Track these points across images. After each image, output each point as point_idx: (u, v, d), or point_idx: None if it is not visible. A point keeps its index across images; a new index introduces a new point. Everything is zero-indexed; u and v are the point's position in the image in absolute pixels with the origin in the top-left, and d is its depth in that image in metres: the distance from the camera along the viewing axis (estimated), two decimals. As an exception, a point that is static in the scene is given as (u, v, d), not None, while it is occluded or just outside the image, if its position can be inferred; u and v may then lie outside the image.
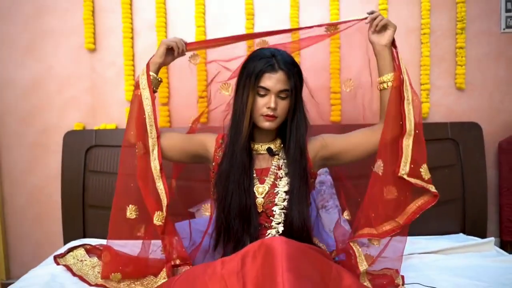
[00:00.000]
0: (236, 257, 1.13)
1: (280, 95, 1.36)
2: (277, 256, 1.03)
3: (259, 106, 1.36)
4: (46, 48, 2.22)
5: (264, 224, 1.42)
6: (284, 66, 1.35)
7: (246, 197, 1.37)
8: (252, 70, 1.35)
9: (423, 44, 2.17)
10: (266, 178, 1.43)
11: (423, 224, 2.07)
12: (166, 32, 2.18)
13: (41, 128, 2.26)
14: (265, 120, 1.37)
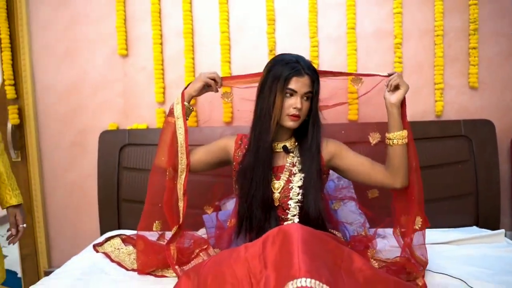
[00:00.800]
0: (257, 242, 1.27)
1: (303, 97, 1.49)
2: (293, 240, 1.17)
3: (286, 107, 1.49)
4: (82, 54, 2.39)
5: (281, 216, 1.55)
6: (308, 71, 1.49)
7: (267, 190, 1.52)
8: (279, 74, 1.47)
9: (437, 45, 2.25)
10: (281, 175, 1.56)
11: (437, 217, 2.19)
12: (193, 38, 2.32)
13: (79, 128, 2.43)
14: (290, 120, 1.50)
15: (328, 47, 2.30)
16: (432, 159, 2.22)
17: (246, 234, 1.55)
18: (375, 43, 2.29)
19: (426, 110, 2.31)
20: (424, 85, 2.30)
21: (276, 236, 1.23)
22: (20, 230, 1.65)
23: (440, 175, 2.22)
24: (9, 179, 1.64)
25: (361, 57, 2.29)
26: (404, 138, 1.58)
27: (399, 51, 2.27)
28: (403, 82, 1.59)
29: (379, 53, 2.29)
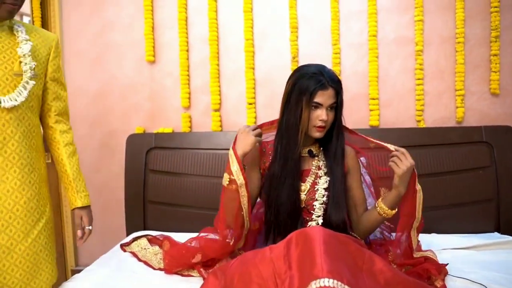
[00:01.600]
0: (281, 244, 1.32)
1: (328, 108, 1.54)
2: (315, 241, 1.22)
3: (313, 119, 1.54)
4: (111, 60, 2.48)
5: (306, 218, 1.61)
6: (332, 83, 1.52)
7: (296, 196, 1.57)
8: (305, 88, 1.51)
9: (458, 52, 2.27)
10: (307, 178, 1.62)
11: (458, 223, 2.20)
12: (218, 45, 2.39)
13: (107, 131, 2.52)
14: (316, 131, 1.55)
15: (350, 54, 2.34)
16: (453, 165, 2.22)
17: (274, 239, 1.59)
18: (396, 50, 2.32)
19: (447, 116, 2.33)
20: (445, 91, 2.32)
21: (299, 238, 1.28)
22: (86, 232, 1.66)
23: (461, 181, 2.22)
24: (76, 181, 1.65)
25: (382, 64, 2.32)
26: (388, 215, 1.58)
27: (420, 57, 2.29)
28: (397, 167, 1.52)
29: (400, 59, 2.32)
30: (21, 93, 1.41)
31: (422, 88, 2.30)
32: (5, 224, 1.41)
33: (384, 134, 2.25)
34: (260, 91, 2.39)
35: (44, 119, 1.61)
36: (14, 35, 1.45)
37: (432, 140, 2.23)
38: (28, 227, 1.45)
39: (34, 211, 1.48)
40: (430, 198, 2.19)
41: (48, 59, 1.54)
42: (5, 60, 1.41)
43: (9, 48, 1.43)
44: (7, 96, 1.38)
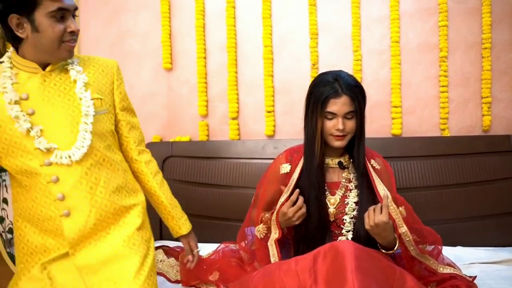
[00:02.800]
0: (308, 256, 1.27)
1: (346, 116, 1.48)
2: (346, 256, 1.16)
3: (328, 128, 1.49)
4: (128, 68, 2.46)
5: (335, 232, 1.55)
6: (347, 90, 1.45)
7: (324, 210, 1.52)
8: (318, 97, 1.48)
9: (484, 58, 2.20)
10: (336, 191, 1.56)
11: (484, 235, 2.13)
12: (236, 52, 2.36)
13: (124, 140, 2.49)
14: (335, 140, 1.50)
15: (371, 60, 2.29)
16: (479, 175, 2.16)
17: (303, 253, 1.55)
18: (419, 57, 2.26)
19: (472, 125, 2.26)
20: (470, 99, 2.26)
21: (328, 252, 1.23)
22: (195, 255, 1.65)
23: (488, 191, 2.15)
24: (174, 209, 1.60)
25: (405, 71, 2.27)
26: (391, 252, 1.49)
27: (445, 64, 2.23)
28: (368, 224, 1.40)
29: (423, 66, 2.26)
30: (85, 138, 1.30)
31: (447, 96, 2.24)
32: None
33: (407, 143, 2.21)
34: (279, 99, 2.36)
35: (125, 153, 1.52)
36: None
37: (457, 150, 2.17)
38: (138, 265, 1.34)
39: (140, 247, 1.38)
40: (455, 210, 2.16)
41: (113, 88, 1.47)
42: (70, 104, 1.32)
43: (71, 89, 1.34)
44: (73, 147, 1.28)
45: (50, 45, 1.25)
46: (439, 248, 1.54)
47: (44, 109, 1.29)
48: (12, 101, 1.25)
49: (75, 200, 1.28)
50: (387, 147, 2.16)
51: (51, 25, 1.23)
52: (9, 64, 1.30)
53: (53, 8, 1.22)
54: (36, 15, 1.22)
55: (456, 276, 1.50)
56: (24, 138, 1.25)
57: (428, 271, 1.50)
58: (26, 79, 1.29)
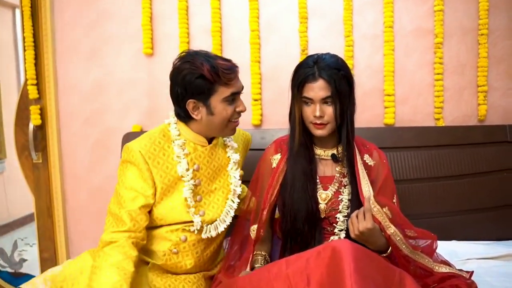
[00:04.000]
0: (300, 258, 1.15)
1: (325, 102, 1.37)
2: (344, 257, 1.04)
3: (307, 115, 1.40)
4: (107, 53, 2.32)
5: (327, 229, 1.44)
6: (323, 73, 1.34)
7: (312, 202, 1.40)
8: (296, 81, 1.40)
9: (481, 44, 2.12)
10: (330, 186, 1.45)
11: (480, 229, 2.07)
12: (221, 37, 2.23)
13: (102, 129, 2.35)
14: (315, 129, 1.40)
15: (364, 46, 2.18)
16: (475, 166, 2.09)
17: (291, 249, 1.44)
18: (414, 42, 2.17)
19: (468, 114, 2.19)
20: (466, 87, 2.18)
21: (323, 252, 1.11)
22: None
23: (484, 183, 2.09)
24: None
25: (399, 57, 2.17)
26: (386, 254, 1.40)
27: (440, 51, 2.14)
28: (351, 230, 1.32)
29: (418, 52, 2.17)
30: (228, 213, 1.50)
31: (442, 84, 2.16)
32: None
33: (400, 133, 2.13)
34: (267, 86, 2.24)
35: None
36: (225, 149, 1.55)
37: (452, 140, 2.10)
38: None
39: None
40: (450, 203, 2.09)
41: (244, 159, 1.69)
42: (225, 179, 1.53)
43: (227, 165, 1.53)
44: (218, 220, 1.48)
45: (220, 125, 1.41)
46: (434, 245, 1.44)
47: (206, 183, 1.48)
48: (185, 174, 1.41)
49: None
50: (380, 137, 2.06)
51: (225, 108, 1.38)
52: (178, 132, 1.44)
53: (227, 93, 1.37)
54: (212, 100, 1.37)
55: (454, 275, 1.40)
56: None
57: (424, 270, 1.40)
58: (193, 150, 1.45)
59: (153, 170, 1.39)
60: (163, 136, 1.45)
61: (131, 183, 1.37)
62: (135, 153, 1.38)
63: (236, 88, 1.40)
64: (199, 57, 1.37)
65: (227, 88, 1.37)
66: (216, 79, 1.34)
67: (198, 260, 1.48)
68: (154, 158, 1.40)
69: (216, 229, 1.46)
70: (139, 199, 1.36)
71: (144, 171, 1.38)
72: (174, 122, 1.47)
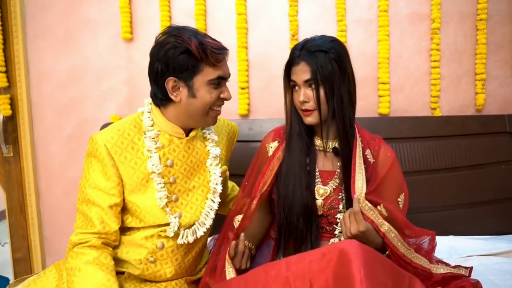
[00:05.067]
0: (302, 259, 1.04)
1: (308, 86, 1.26)
2: (353, 261, 0.93)
3: (295, 101, 1.32)
4: (82, 38, 2.17)
5: (326, 228, 1.33)
6: (307, 56, 1.24)
7: (307, 195, 1.29)
8: (285, 66, 1.32)
9: (479, 30, 2.04)
10: (329, 181, 1.33)
11: (478, 223, 2.00)
12: (206, 21, 2.10)
13: (78, 120, 2.21)
14: (304, 116, 1.30)
15: (357, 32, 2.08)
16: (472, 158, 2.02)
17: (284, 247, 1.33)
18: (410, 28, 2.07)
19: (465, 104, 2.11)
20: (463, 75, 2.09)
21: (329, 254, 0.99)
22: None
23: (481, 176, 2.01)
24: None
25: (394, 43, 2.07)
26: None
27: (437, 36, 2.05)
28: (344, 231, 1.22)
29: (414, 38, 2.08)
30: (208, 215, 1.35)
31: (439, 72, 2.07)
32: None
33: (395, 123, 2.04)
34: (255, 74, 2.12)
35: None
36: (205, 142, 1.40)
37: (449, 131, 2.02)
38: None
39: None
40: (447, 196, 2.01)
41: (230, 152, 1.55)
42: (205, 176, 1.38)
43: (206, 158, 1.38)
44: (196, 223, 1.34)
45: (201, 111, 1.26)
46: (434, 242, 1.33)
47: (183, 180, 1.33)
48: (156, 170, 1.26)
49: None
50: (374, 128, 1.92)
51: (209, 92, 1.24)
52: (151, 122, 1.30)
53: (214, 76, 1.23)
54: (195, 80, 1.22)
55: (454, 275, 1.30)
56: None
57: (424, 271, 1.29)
58: (168, 143, 1.30)
59: (120, 166, 1.25)
60: (134, 127, 1.31)
61: (95, 181, 1.25)
62: (99, 146, 1.25)
63: (224, 72, 1.27)
64: (186, 31, 1.22)
65: (214, 69, 1.23)
66: (203, 57, 1.20)
67: (179, 267, 1.35)
68: (121, 153, 1.26)
69: (195, 233, 1.32)
70: (104, 198, 1.24)
71: (109, 168, 1.25)
72: (148, 110, 1.32)
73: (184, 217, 1.31)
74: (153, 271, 1.31)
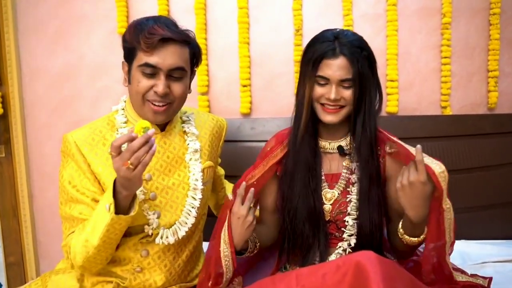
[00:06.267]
0: (314, 273, 0.97)
1: (342, 84, 1.19)
2: (371, 275, 0.86)
3: (318, 96, 1.21)
4: (77, 34, 2.10)
5: (335, 234, 1.26)
6: (347, 51, 1.17)
7: (315, 199, 1.22)
8: (311, 56, 1.20)
9: (492, 25, 1.97)
10: (336, 184, 1.27)
11: (493, 227, 1.94)
12: (206, 15, 2.02)
13: (72, 120, 2.14)
14: (326, 113, 1.21)
15: (364, 27, 1.99)
16: (484, 159, 1.96)
17: (289, 255, 1.27)
18: (419, 23, 2.00)
19: (477, 102, 2.04)
20: (475, 72, 2.02)
21: (344, 267, 0.92)
22: None
23: (494, 177, 1.96)
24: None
25: (403, 39, 1.99)
26: (414, 244, 1.18)
27: (448, 32, 1.97)
28: (400, 181, 1.11)
29: (424, 34, 2.00)
30: (189, 214, 1.30)
31: (449, 69, 2.00)
32: None
33: (404, 122, 1.97)
34: (257, 71, 2.04)
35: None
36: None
37: (460, 130, 1.96)
38: None
39: None
40: (458, 198, 1.86)
41: (218, 151, 1.51)
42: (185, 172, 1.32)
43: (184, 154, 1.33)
44: (177, 223, 1.28)
45: (136, 100, 1.21)
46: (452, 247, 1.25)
47: (160, 177, 1.27)
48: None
49: None
50: (381, 127, 1.87)
51: (138, 79, 1.18)
52: (124, 119, 1.27)
53: (141, 62, 1.17)
54: (132, 66, 1.19)
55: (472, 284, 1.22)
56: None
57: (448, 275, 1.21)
58: None
59: (91, 162, 1.22)
60: (107, 124, 1.29)
61: (74, 178, 1.23)
62: (69, 143, 1.23)
63: (156, 61, 1.16)
64: (147, 18, 1.21)
65: (144, 55, 1.16)
66: (133, 40, 1.17)
67: (169, 274, 1.30)
68: (91, 149, 1.23)
69: (176, 233, 1.26)
70: (86, 193, 1.22)
71: (82, 164, 1.22)
72: (121, 108, 1.30)
73: (163, 216, 1.26)
74: (142, 280, 1.27)
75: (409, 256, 1.29)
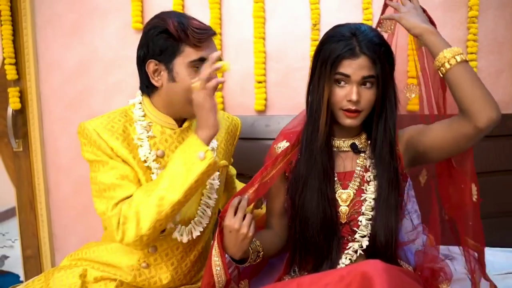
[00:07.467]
0: (317, 281, 0.94)
1: (364, 84, 1.14)
2: (377, 287, 0.81)
3: (338, 99, 1.15)
4: (91, 28, 2.10)
5: (347, 237, 1.21)
6: (367, 49, 1.11)
7: (331, 206, 1.17)
8: (328, 56, 1.13)
9: (522, 19, 1.88)
10: (350, 183, 1.22)
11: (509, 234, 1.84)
12: (220, 9, 1.99)
13: (86, 114, 2.12)
14: (345, 117, 1.16)
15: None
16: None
17: (300, 265, 1.22)
18: (444, 16, 1.92)
19: (505, 100, 1.94)
20: (504, 69, 1.94)
21: (348, 278, 0.89)
22: None
23: (523, 180, 1.85)
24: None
25: (425, 33, 1.90)
26: (460, 54, 1.13)
27: (474, 26, 1.89)
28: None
29: (449, 28, 1.91)
30: (204, 213, 1.29)
31: (476, 65, 1.92)
32: None
33: (425, 121, 1.85)
34: (272, 66, 2.00)
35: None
36: None
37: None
38: None
39: None
40: (483, 203, 1.79)
41: (232, 148, 1.51)
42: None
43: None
44: (192, 222, 1.27)
45: (182, 97, 1.18)
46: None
47: None
48: (148, 159, 1.21)
49: None
50: (401, 126, 1.81)
51: (190, 75, 1.17)
52: (142, 113, 1.25)
53: (195, 57, 1.16)
54: (176, 62, 1.17)
55: None
56: None
57: None
58: (160, 134, 1.25)
59: (114, 146, 1.20)
60: (125, 116, 1.27)
61: (110, 178, 1.19)
62: (88, 130, 1.21)
63: (208, 54, 1.16)
64: (169, 14, 1.21)
65: (195, 50, 1.16)
66: (182, 37, 1.15)
67: (175, 273, 1.28)
68: (112, 134, 1.21)
69: (190, 233, 1.25)
70: (117, 173, 1.18)
71: (106, 150, 1.19)
72: (139, 101, 1.27)
73: (183, 212, 1.25)
74: (147, 277, 1.25)
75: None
